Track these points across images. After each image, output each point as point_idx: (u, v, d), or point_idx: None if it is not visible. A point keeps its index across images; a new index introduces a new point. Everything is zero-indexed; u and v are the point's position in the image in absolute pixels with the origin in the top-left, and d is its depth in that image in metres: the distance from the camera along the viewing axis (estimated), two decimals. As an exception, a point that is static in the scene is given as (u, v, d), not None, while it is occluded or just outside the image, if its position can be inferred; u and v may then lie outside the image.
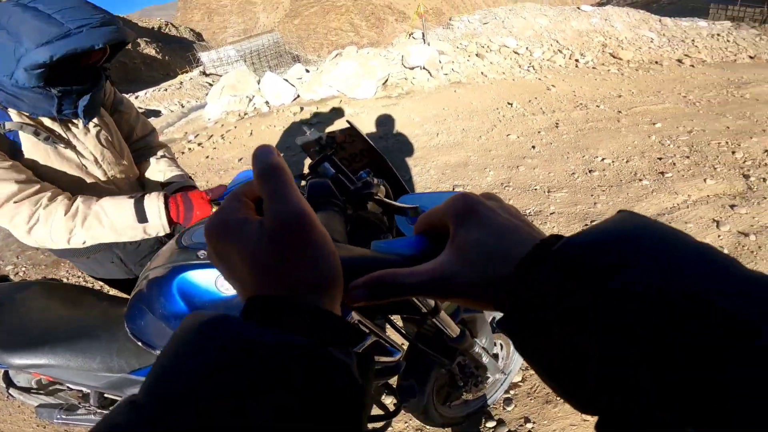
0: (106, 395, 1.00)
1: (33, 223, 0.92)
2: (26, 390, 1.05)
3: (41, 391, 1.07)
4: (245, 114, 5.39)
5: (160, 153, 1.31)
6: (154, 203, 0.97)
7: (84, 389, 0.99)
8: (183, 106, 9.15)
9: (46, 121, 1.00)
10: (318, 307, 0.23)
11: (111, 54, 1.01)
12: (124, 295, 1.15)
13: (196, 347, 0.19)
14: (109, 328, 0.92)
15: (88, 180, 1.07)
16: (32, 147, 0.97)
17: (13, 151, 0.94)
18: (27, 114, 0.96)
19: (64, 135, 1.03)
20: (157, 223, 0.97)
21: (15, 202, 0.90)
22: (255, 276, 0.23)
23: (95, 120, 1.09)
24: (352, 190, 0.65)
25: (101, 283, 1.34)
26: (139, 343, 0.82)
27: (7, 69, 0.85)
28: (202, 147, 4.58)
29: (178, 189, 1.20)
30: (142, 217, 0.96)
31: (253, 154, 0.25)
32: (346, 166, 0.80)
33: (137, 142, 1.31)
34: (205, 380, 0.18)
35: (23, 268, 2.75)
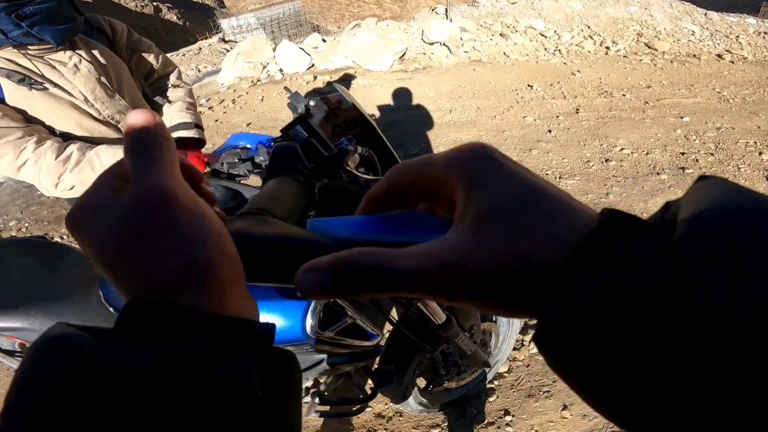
0: None
1: (20, 164, 0.93)
2: (10, 353, 1.04)
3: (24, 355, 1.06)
4: (258, 80, 5.32)
5: (174, 96, 1.28)
6: None
7: None
8: (199, 71, 9.11)
9: (25, 62, 0.98)
10: (189, 309, 0.17)
11: None
12: None
13: (34, 374, 0.15)
14: (84, 290, 0.91)
15: (84, 120, 1.06)
16: (13, 91, 0.96)
17: None
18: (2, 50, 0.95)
19: (47, 75, 1.01)
20: None
21: None
22: (112, 274, 0.18)
23: (86, 57, 1.05)
24: (325, 157, 0.58)
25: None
26: (111, 309, 0.82)
27: None
28: (213, 111, 4.56)
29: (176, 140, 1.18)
30: None
31: (125, 121, 0.20)
32: (340, 133, 0.74)
33: (157, 81, 1.31)
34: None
35: (26, 224, 2.80)
